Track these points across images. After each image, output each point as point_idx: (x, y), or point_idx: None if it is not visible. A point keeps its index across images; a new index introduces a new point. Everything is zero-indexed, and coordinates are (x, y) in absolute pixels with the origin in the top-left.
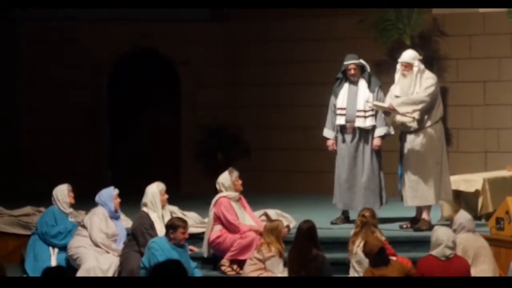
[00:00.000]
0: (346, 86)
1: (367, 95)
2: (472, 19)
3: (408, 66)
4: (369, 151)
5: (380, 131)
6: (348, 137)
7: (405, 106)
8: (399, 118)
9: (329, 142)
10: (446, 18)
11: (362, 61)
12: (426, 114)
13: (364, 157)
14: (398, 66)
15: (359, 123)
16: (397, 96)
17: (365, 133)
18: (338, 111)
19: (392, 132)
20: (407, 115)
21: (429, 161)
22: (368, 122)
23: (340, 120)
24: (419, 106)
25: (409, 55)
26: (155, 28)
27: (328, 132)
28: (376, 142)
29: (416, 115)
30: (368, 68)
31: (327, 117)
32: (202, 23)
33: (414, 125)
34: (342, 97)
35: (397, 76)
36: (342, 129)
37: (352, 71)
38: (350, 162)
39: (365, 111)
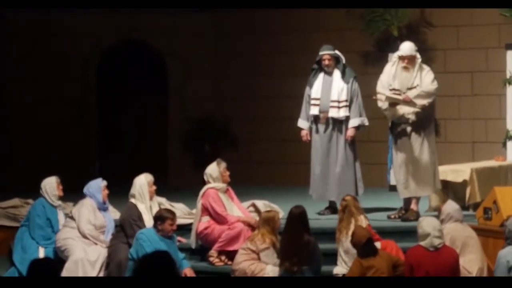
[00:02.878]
0: (321, 76)
1: (342, 85)
2: (459, 10)
3: (412, 58)
4: (342, 141)
5: (354, 122)
6: (321, 128)
7: (421, 98)
8: (400, 110)
9: (303, 133)
10: (434, 9)
11: (337, 52)
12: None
13: (338, 148)
14: (395, 59)
15: (333, 113)
16: (395, 89)
17: (339, 124)
18: (312, 101)
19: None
20: (416, 108)
21: (426, 152)
22: (341, 113)
23: (314, 110)
24: (431, 99)
25: (410, 47)
26: (143, 20)
27: (302, 123)
28: (350, 132)
29: (421, 106)
30: (344, 60)
31: (302, 107)
32: (190, 14)
33: (412, 117)
34: (316, 88)
35: (393, 68)
36: (316, 119)
37: (327, 62)
38: (323, 152)
39: (338, 101)
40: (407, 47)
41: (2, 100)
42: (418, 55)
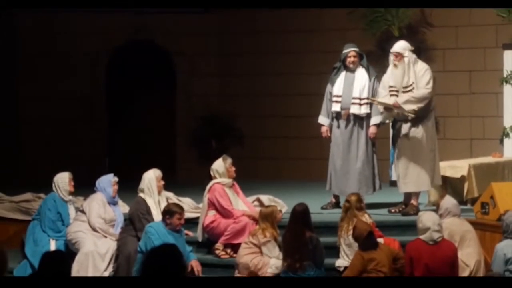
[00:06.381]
0: (343, 74)
1: (363, 83)
2: (458, 11)
3: (399, 56)
4: (363, 138)
5: (376, 119)
6: (342, 124)
7: (411, 104)
8: (399, 111)
9: (323, 129)
10: (433, 9)
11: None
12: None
13: (358, 144)
14: (391, 57)
15: (354, 110)
16: (391, 87)
17: (360, 120)
18: (334, 98)
19: (387, 120)
20: (410, 113)
21: (425, 148)
22: (363, 110)
23: (336, 107)
24: (423, 103)
25: (399, 45)
26: (150, 19)
27: (323, 119)
28: (372, 130)
29: (411, 112)
30: (365, 57)
31: (323, 104)
32: (196, 14)
33: (411, 113)
34: (338, 85)
35: (390, 67)
36: (337, 116)
37: (352, 58)
38: (344, 148)
39: (360, 98)
40: (396, 44)
41: (13, 96)
42: (407, 53)
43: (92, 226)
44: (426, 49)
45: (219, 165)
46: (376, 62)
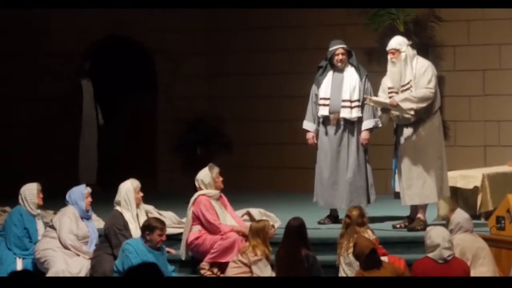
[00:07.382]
0: (330, 74)
1: (353, 83)
2: None
3: (396, 52)
4: (354, 144)
5: (368, 124)
6: (331, 130)
7: (410, 102)
8: (395, 112)
9: (309, 135)
10: None
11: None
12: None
13: (349, 151)
14: (389, 56)
15: (345, 113)
16: (390, 88)
17: (350, 125)
18: (321, 101)
19: (380, 125)
20: (409, 113)
21: (430, 155)
22: (354, 113)
23: (323, 111)
24: (424, 104)
25: (396, 40)
26: (129, 15)
27: (308, 125)
28: (365, 135)
29: (409, 111)
30: (354, 55)
31: (308, 108)
32: (180, 9)
33: (412, 118)
34: (325, 86)
35: (388, 67)
36: (325, 120)
37: (341, 56)
38: (332, 156)
39: (351, 101)
40: (391, 41)
41: None
42: (404, 48)
43: (63, 243)
44: (434, 46)
45: (205, 175)
46: (378, 60)
